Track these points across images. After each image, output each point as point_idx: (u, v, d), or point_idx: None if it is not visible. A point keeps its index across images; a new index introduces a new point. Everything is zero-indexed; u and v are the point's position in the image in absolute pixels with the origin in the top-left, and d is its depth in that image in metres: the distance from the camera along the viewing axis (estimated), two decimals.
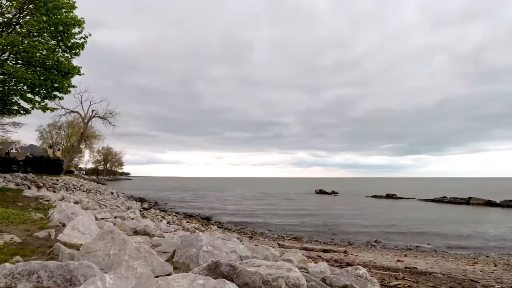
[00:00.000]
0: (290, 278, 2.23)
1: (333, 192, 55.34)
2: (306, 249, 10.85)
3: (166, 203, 32.25)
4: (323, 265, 4.33)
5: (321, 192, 56.40)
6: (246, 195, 50.53)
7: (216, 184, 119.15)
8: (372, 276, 4.23)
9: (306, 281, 3.25)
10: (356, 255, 10.18)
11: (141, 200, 32.38)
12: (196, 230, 12.97)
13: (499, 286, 6.02)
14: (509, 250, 12.95)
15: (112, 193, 29.56)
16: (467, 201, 34.85)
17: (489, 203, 32.80)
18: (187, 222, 17.77)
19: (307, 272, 3.89)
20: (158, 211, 22.44)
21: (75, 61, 15.97)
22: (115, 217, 9.64)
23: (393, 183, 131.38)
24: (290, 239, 14.60)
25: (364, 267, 5.79)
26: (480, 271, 8.21)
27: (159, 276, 2.52)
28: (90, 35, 15.57)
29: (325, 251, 10.71)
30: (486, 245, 14.01)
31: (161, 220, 15.62)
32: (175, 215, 21.08)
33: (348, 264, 7.48)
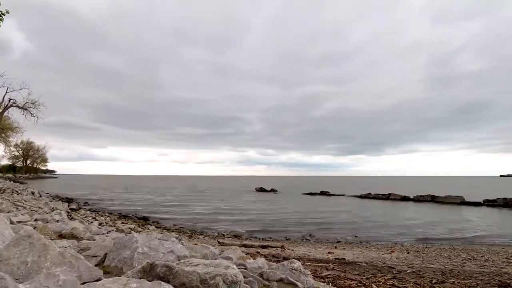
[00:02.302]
0: (227, 275, 2.27)
1: (272, 190, 57.35)
2: (245, 246, 11.05)
3: (98, 203, 29.76)
4: (261, 260, 4.47)
5: (261, 190, 58.15)
6: (186, 193, 49.36)
7: (156, 182, 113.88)
8: (306, 269, 4.52)
9: (244, 277, 3.33)
10: (292, 250, 10.73)
11: (69, 200, 29.36)
12: (132, 231, 12.23)
13: (410, 270, 6.93)
14: (419, 238, 14.97)
15: (33, 193, 26.20)
16: (387, 197, 39.46)
17: (405, 198, 37.62)
18: (122, 223, 16.65)
19: (245, 268, 3.98)
20: (88, 212, 20.57)
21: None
22: (35, 220, 8.56)
23: (329, 181, 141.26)
24: (230, 237, 14.71)
25: (299, 260, 6.15)
26: (396, 258, 9.35)
27: (87, 282, 2.34)
28: None
29: (263, 247, 11.05)
30: (401, 234, 15.97)
31: (92, 222, 14.37)
32: (108, 216, 19.57)
33: (285, 259, 7.84)
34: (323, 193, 48.52)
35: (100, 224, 14.12)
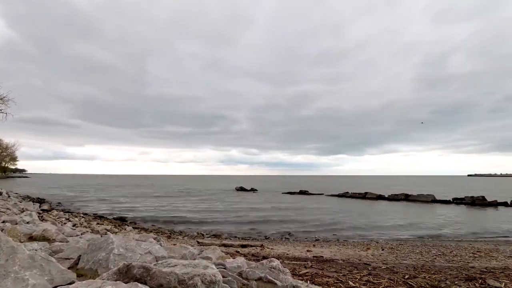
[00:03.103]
0: (206, 275, 2.26)
1: (253, 189, 57.53)
2: (225, 245, 11.02)
3: (72, 204, 28.67)
4: (240, 260, 4.48)
5: (241, 189, 58.29)
6: (166, 193, 48.51)
7: (134, 182, 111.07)
8: (284, 267, 4.58)
9: (223, 276, 3.33)
10: (271, 248, 10.81)
11: (41, 200, 28.09)
12: (108, 232, 11.87)
13: (385, 266, 7.18)
14: (393, 236, 15.53)
15: (0, 193, 24.79)
16: (363, 196, 40.66)
17: (380, 197, 38.91)
18: (98, 224, 16.11)
19: (224, 268, 3.97)
20: (61, 212, 19.77)
21: None
22: (3, 222, 8.11)
23: (309, 180, 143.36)
24: (209, 237, 14.61)
25: (278, 259, 6.21)
26: (372, 255, 9.65)
27: (59, 286, 2.25)
28: None
29: (243, 246, 11.06)
30: (377, 232, 16.50)
31: (65, 223, 13.83)
32: (83, 217, 18.88)
33: (264, 257, 7.90)
34: (302, 192, 49.23)
35: (74, 225, 13.60)
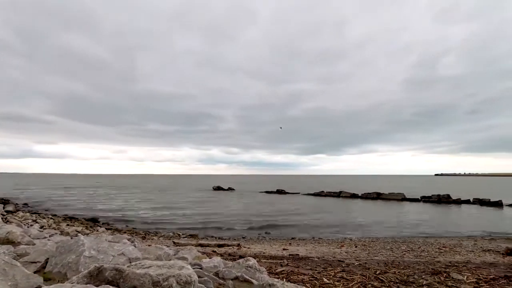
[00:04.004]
0: (181, 276, 2.24)
1: (230, 189, 57.40)
2: (201, 245, 10.93)
3: (40, 204, 27.24)
4: (217, 259, 4.47)
5: (218, 188, 58.01)
6: (141, 193, 47.31)
7: (108, 181, 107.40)
8: (261, 266, 4.62)
9: (199, 277, 3.31)
10: (248, 247, 10.85)
11: (5, 201, 26.42)
12: (79, 234, 11.39)
13: (358, 263, 7.43)
14: (365, 233, 16.08)
15: None
16: (338, 195, 41.84)
17: (354, 196, 40.18)
18: (68, 225, 15.43)
19: (200, 268, 3.95)
20: (28, 214, 18.75)
21: None
22: None
23: (287, 180, 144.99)
24: (186, 237, 14.42)
25: (255, 258, 6.25)
26: (345, 252, 9.95)
27: None
28: None
29: (220, 246, 11.02)
30: (350, 229, 17.01)
31: (31, 225, 13.12)
32: (51, 218, 18.00)
33: (241, 257, 7.91)
34: (279, 191, 49.75)
35: (41, 227, 12.96)
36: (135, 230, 15.86)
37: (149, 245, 7.37)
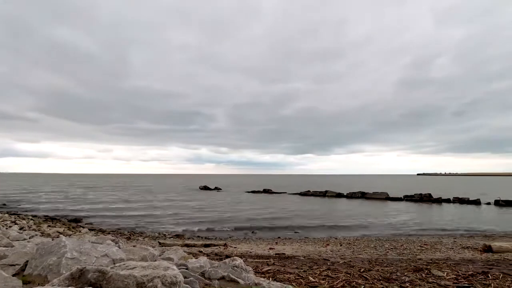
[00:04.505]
0: (167, 276, 2.22)
1: (216, 188, 57.19)
2: (188, 245, 10.85)
3: (19, 205, 26.35)
4: (203, 259, 4.45)
5: (205, 188, 57.71)
6: (126, 193, 46.47)
7: (93, 181, 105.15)
8: (247, 265, 4.63)
9: (185, 277, 3.28)
10: (235, 247, 10.84)
11: None
12: (61, 235, 11.07)
13: (343, 261, 7.56)
14: (350, 231, 16.35)
15: None
16: (324, 194, 42.33)
17: (339, 195, 40.75)
18: (49, 226, 14.98)
19: (186, 269, 3.92)
20: (7, 215, 18.12)
21: None
22: None
23: (274, 179, 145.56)
24: (171, 237, 14.26)
25: (241, 257, 6.26)
26: (331, 251, 10.09)
27: None
28: None
29: (206, 245, 10.97)
30: (335, 228, 17.25)
31: (10, 226, 12.68)
32: (32, 219, 17.45)
33: (227, 256, 7.90)
34: (265, 191, 49.91)
35: (21, 228, 12.53)
36: (120, 231, 15.57)
37: (134, 246, 7.26)
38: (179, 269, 3.38)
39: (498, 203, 29.45)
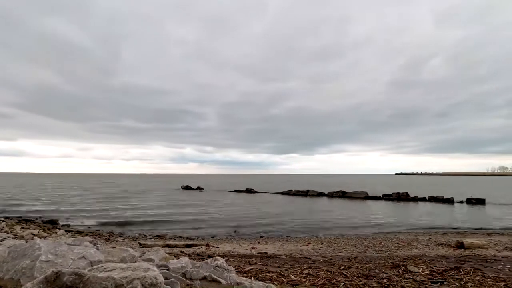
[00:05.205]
0: (146, 278, 2.18)
1: (199, 188, 56.67)
2: (169, 246, 10.71)
3: None
4: (185, 260, 4.41)
5: (187, 188, 57.04)
6: (105, 193, 45.17)
7: (70, 181, 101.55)
8: (229, 265, 4.63)
9: (166, 278, 3.24)
10: (217, 247, 10.79)
11: None
12: (35, 237, 10.64)
13: (323, 259, 7.69)
14: (331, 230, 16.65)
15: None
16: (305, 193, 42.85)
17: (321, 194, 41.41)
18: (22, 228, 14.34)
19: (167, 269, 3.88)
20: None
21: None
22: None
23: (258, 179, 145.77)
24: (152, 238, 14.01)
25: (223, 257, 6.25)
26: (312, 249, 10.24)
27: None
28: None
29: (188, 246, 10.86)
30: (317, 227, 17.51)
31: None
32: (3, 221, 16.62)
33: (209, 256, 7.86)
34: (248, 190, 49.93)
35: None
36: (98, 232, 15.12)
37: (113, 247, 7.07)
38: (160, 270, 3.34)
39: (470, 201, 30.85)
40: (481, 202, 30.28)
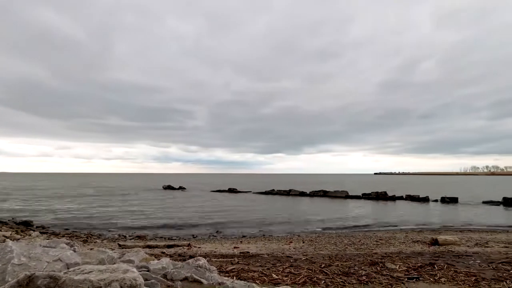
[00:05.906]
0: (126, 280, 2.14)
1: (181, 188, 56.01)
2: (149, 246, 10.51)
3: None
4: (166, 260, 4.35)
5: (169, 187, 56.23)
6: (83, 193, 43.76)
7: (47, 181, 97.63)
8: (211, 265, 4.60)
9: (146, 279, 3.19)
10: (199, 247, 10.71)
11: None
12: (7, 239, 10.14)
13: (305, 258, 7.79)
14: (312, 229, 16.91)
15: None
16: (288, 193, 43.25)
17: (302, 194, 41.91)
18: None
19: (147, 271, 3.81)
20: None
21: None
22: None
23: (240, 178, 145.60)
24: (132, 239, 13.71)
25: (205, 257, 6.20)
26: (294, 248, 10.35)
27: None
28: None
29: (169, 246, 10.71)
30: (299, 226, 17.74)
31: None
32: None
33: (191, 257, 7.78)
34: (231, 190, 49.82)
35: None
36: (75, 233, 14.63)
37: (91, 249, 6.86)
38: (140, 271, 3.28)
39: (444, 200, 32.17)
40: (454, 200, 31.67)
